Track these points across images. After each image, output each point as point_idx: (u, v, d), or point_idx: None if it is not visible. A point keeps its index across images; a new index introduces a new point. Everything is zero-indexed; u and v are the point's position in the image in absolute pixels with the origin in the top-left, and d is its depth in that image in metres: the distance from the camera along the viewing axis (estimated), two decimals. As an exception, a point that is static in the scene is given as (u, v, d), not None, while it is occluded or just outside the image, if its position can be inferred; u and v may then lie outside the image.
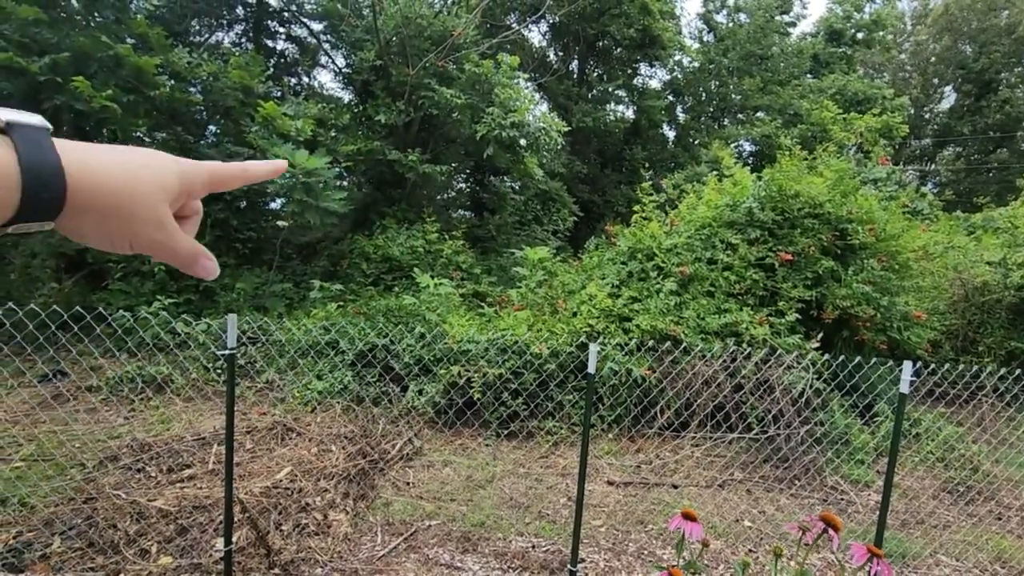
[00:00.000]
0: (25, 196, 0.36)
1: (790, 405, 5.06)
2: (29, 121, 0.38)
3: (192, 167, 0.47)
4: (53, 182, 0.37)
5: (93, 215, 0.40)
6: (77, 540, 3.05)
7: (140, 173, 0.42)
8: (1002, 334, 7.83)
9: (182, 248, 0.47)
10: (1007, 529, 4.11)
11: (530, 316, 6.31)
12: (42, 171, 0.37)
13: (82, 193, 0.39)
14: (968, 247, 9.24)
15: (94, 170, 0.40)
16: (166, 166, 0.45)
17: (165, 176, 0.44)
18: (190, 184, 0.47)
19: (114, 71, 7.36)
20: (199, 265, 0.49)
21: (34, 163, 0.36)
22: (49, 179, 0.37)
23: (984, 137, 27.77)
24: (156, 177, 0.43)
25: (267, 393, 5.66)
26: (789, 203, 6.48)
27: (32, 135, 0.38)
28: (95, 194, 0.39)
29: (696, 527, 1.46)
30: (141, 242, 0.43)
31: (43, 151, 0.37)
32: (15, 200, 0.36)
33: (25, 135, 0.37)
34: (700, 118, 20.85)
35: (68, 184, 0.38)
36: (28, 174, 0.36)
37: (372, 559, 3.21)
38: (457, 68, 10.59)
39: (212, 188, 0.50)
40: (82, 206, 0.39)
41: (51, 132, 0.39)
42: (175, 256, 0.47)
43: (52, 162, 0.37)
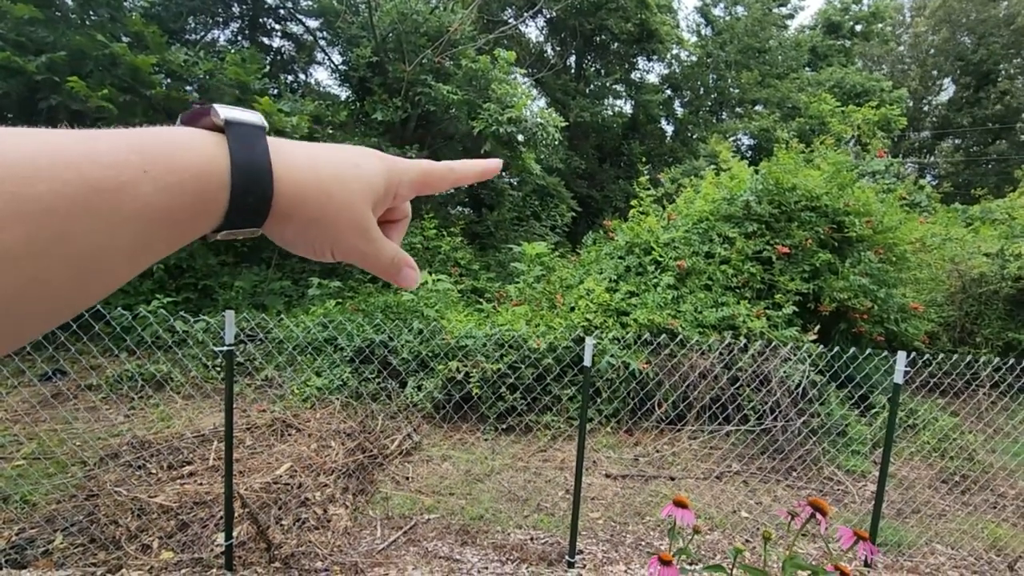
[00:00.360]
0: (233, 198, 0.34)
1: (787, 397, 5.08)
2: (246, 119, 0.36)
3: (402, 167, 0.45)
4: (260, 185, 0.35)
5: (296, 221, 0.38)
6: (79, 536, 3.08)
7: (347, 175, 0.40)
8: (999, 325, 7.86)
9: (385, 256, 0.44)
10: (1002, 517, 4.15)
11: (528, 311, 6.33)
12: (252, 172, 0.34)
13: (286, 197, 0.36)
14: (966, 239, 9.25)
15: (300, 172, 0.37)
16: (374, 167, 0.42)
17: (372, 178, 0.41)
18: (397, 185, 0.44)
19: (110, 70, 7.36)
20: (402, 274, 0.46)
21: (245, 164, 0.34)
22: (255, 181, 0.35)
23: (983, 129, 27.73)
24: (362, 180, 0.41)
25: (266, 390, 5.69)
26: (786, 196, 6.50)
27: (247, 134, 0.35)
28: (300, 198, 0.37)
29: (687, 514, 1.48)
30: (343, 249, 0.41)
31: (254, 151, 0.35)
32: (223, 203, 0.34)
33: (239, 134, 0.35)
34: (698, 112, 20.81)
35: (275, 188, 0.36)
36: (237, 175, 0.34)
37: (372, 552, 3.24)
38: (454, 64, 10.57)
39: (421, 190, 0.47)
40: (287, 211, 0.37)
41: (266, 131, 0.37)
42: (378, 264, 0.44)
43: (263, 163, 0.35)
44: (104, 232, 0.28)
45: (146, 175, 0.30)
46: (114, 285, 0.31)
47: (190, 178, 0.32)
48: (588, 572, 3.09)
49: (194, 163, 0.32)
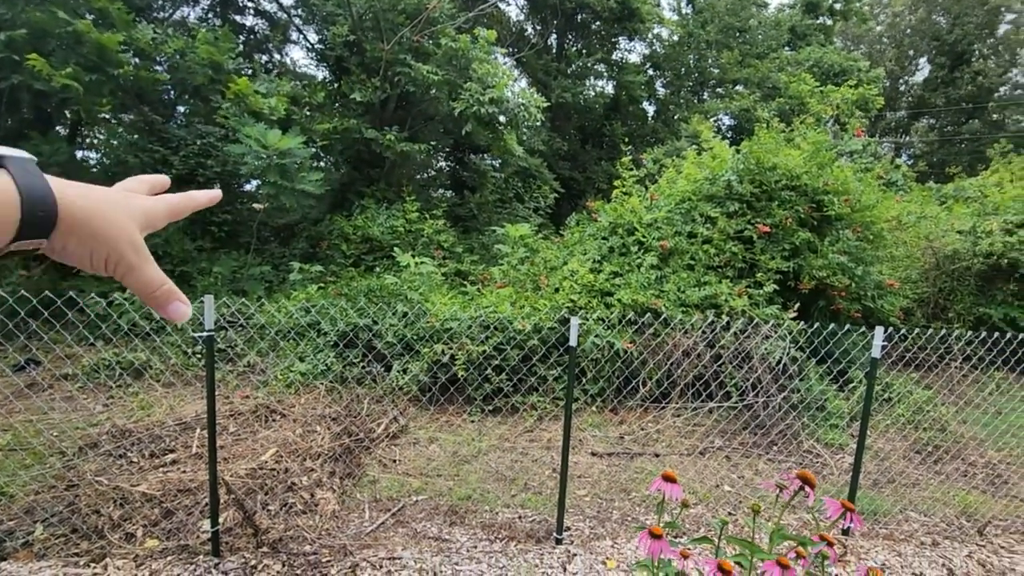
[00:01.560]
0: (24, 215, 0.41)
1: (768, 374, 5.18)
2: (17, 154, 0.43)
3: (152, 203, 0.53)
4: (47, 203, 0.42)
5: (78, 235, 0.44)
6: (60, 527, 3.03)
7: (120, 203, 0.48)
8: (971, 300, 8.09)
9: (152, 277, 0.50)
10: (972, 485, 4.30)
11: (512, 293, 6.33)
12: (35, 193, 0.41)
13: (69, 214, 0.43)
14: (940, 217, 9.46)
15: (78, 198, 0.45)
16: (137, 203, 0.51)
17: (133, 210, 0.50)
18: (154, 216, 0.53)
19: (74, 48, 7.06)
20: (172, 306, 0.51)
21: (29, 186, 0.41)
22: (43, 200, 0.42)
23: (957, 108, 28.22)
24: (132, 208, 0.49)
25: (249, 376, 5.61)
26: (767, 176, 6.55)
27: (23, 164, 0.43)
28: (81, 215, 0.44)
29: (675, 488, 1.49)
30: (115, 260, 0.47)
31: (35, 177, 0.42)
32: (17, 219, 0.40)
33: (17, 164, 0.42)
34: (679, 92, 20.78)
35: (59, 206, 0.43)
36: (25, 196, 0.41)
37: (360, 535, 3.24)
38: (433, 43, 10.36)
39: (172, 218, 0.56)
40: (70, 225, 0.44)
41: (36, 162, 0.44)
42: (144, 281, 0.50)
43: (44, 186, 0.42)
44: None
45: None
46: None
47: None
48: (576, 548, 3.14)
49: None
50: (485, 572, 2.85)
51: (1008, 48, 28.60)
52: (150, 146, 8.20)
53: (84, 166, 9.13)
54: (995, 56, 28.67)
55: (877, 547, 3.28)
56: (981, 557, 3.21)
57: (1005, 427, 5.26)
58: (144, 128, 8.57)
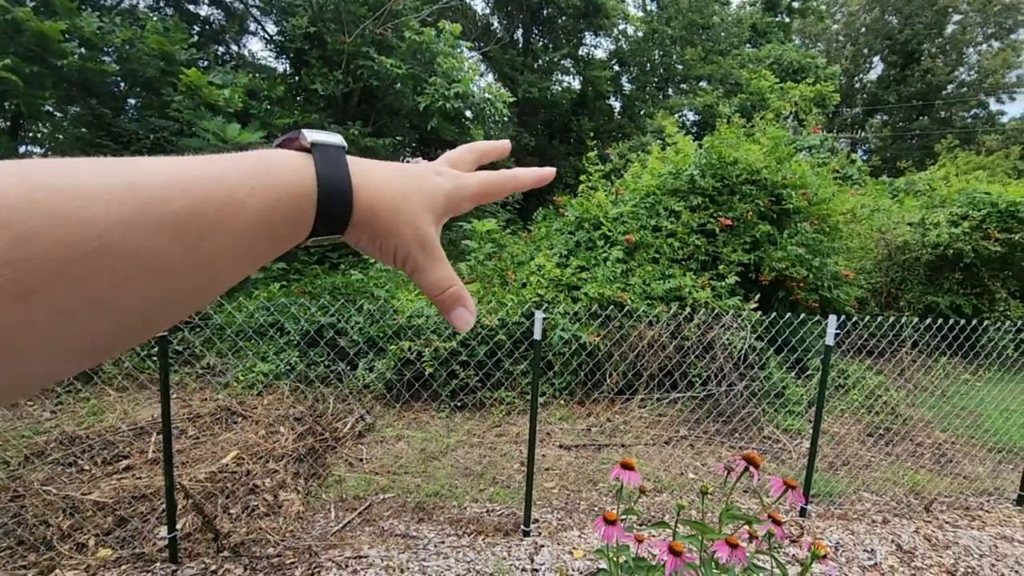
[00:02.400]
0: (320, 210, 0.39)
1: (729, 363, 5.31)
2: (330, 141, 0.41)
3: (463, 183, 0.49)
4: (342, 198, 0.40)
5: (370, 231, 0.42)
6: (5, 539, 2.89)
7: (413, 193, 0.44)
8: (920, 289, 8.46)
9: (439, 276, 0.46)
10: (920, 464, 4.52)
11: (480, 288, 6.31)
12: (334, 187, 0.39)
13: (362, 210, 0.41)
14: (892, 209, 9.85)
15: (376, 188, 0.42)
16: (438, 186, 0.46)
17: (434, 195, 0.46)
18: (459, 200, 0.49)
19: (12, 37, 6.68)
20: (455, 311, 0.47)
21: (329, 180, 0.39)
22: (339, 195, 0.39)
23: (908, 105, 29.40)
24: (425, 198, 0.45)
25: (208, 378, 5.45)
26: (728, 170, 6.69)
27: (330, 155, 0.40)
28: (373, 212, 0.42)
29: (633, 475, 1.52)
30: (402, 256, 0.45)
31: (339, 168, 0.40)
32: (311, 213, 0.39)
33: (324, 155, 0.40)
34: (645, 88, 21.05)
35: (354, 202, 0.40)
36: (323, 190, 0.39)
37: (326, 535, 3.19)
38: (396, 36, 10.21)
39: (482, 201, 0.52)
40: (363, 222, 0.41)
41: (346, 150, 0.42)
42: (430, 280, 0.46)
43: (344, 179, 0.40)
44: (222, 241, 0.33)
45: (253, 192, 0.35)
46: (224, 288, 0.37)
47: (286, 195, 0.37)
48: (543, 539, 3.16)
49: (290, 182, 0.37)
50: (452, 567, 2.85)
51: (955, 47, 29.93)
52: (99, 140, 7.85)
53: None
54: (943, 55, 29.97)
55: (832, 527, 3.40)
56: (927, 532, 3.37)
57: (949, 408, 5.53)
58: (92, 122, 8.19)
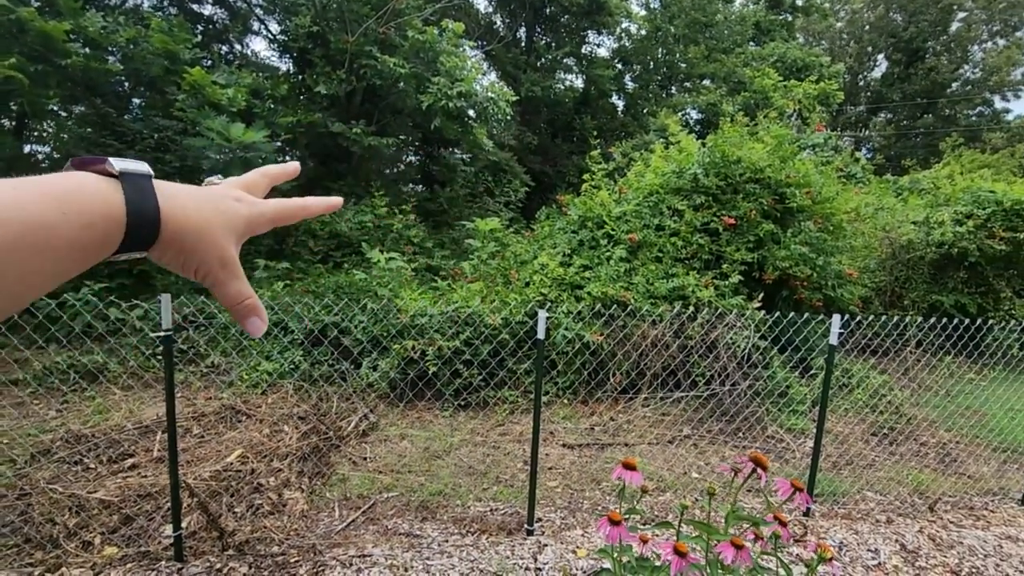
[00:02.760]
0: (128, 234, 0.43)
1: (733, 362, 5.31)
2: (138, 169, 0.45)
3: (260, 211, 0.54)
4: (150, 224, 0.44)
5: (174, 250, 0.47)
6: (12, 537, 2.90)
7: (214, 218, 0.49)
8: (924, 288, 8.43)
9: (236, 291, 0.51)
10: (924, 464, 4.50)
11: (483, 288, 6.32)
12: (143, 215, 0.43)
13: (169, 232, 0.45)
14: (896, 208, 9.81)
15: (182, 212, 0.46)
16: (237, 212, 0.52)
17: (235, 221, 0.51)
18: (255, 225, 0.54)
19: (17, 37, 6.71)
20: (249, 320, 0.53)
21: (137, 208, 0.43)
22: (148, 222, 0.43)
23: (912, 103, 29.27)
24: (226, 222, 0.50)
25: (213, 377, 5.47)
26: (732, 169, 6.67)
27: (139, 182, 0.44)
28: (179, 234, 0.46)
29: (635, 475, 1.52)
30: (204, 272, 0.49)
31: (147, 197, 0.44)
32: (120, 237, 0.42)
33: (133, 182, 0.44)
34: (648, 87, 20.98)
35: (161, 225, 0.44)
36: (132, 217, 0.43)
37: (330, 533, 3.20)
38: (400, 35, 10.21)
39: (275, 225, 0.57)
40: (168, 242, 0.46)
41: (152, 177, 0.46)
42: (228, 295, 0.51)
43: (153, 207, 0.44)
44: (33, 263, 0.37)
45: (64, 217, 0.39)
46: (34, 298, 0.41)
47: (99, 219, 0.41)
48: (547, 538, 3.17)
49: (100, 207, 0.41)
50: (456, 566, 2.85)
51: (960, 45, 29.78)
52: (103, 140, 7.87)
53: (32, 161, 8.73)
54: (948, 53, 29.82)
55: (836, 526, 3.40)
56: (931, 532, 3.36)
57: (954, 408, 5.51)
58: (97, 121, 8.22)
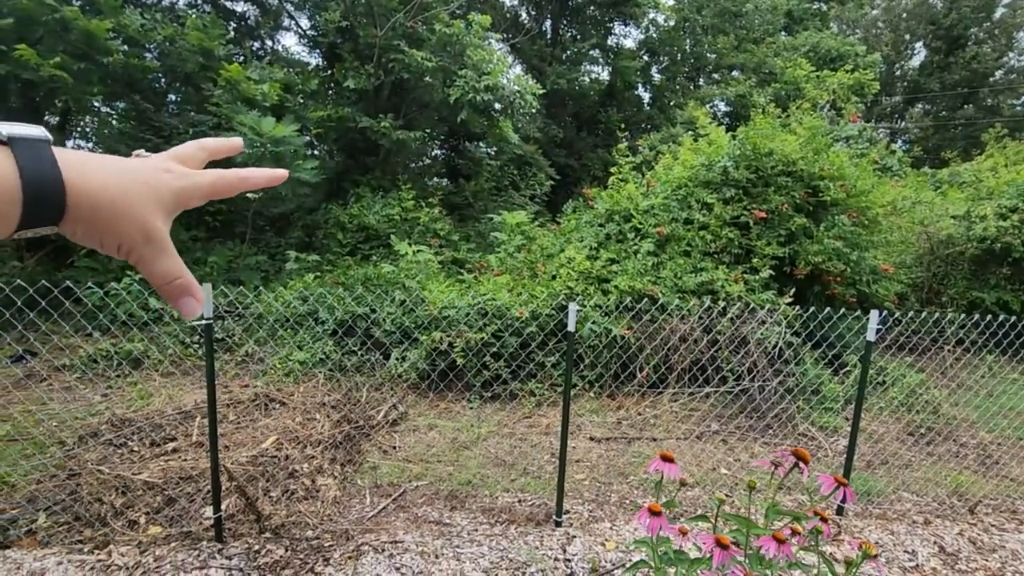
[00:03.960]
0: (25, 209, 0.37)
1: (764, 358, 5.22)
2: (31, 134, 0.39)
3: (193, 183, 0.49)
4: (53, 196, 0.38)
5: (86, 223, 0.41)
6: (63, 515, 3.05)
7: (134, 189, 0.43)
8: (964, 285, 8.15)
9: (165, 267, 0.47)
10: (964, 465, 4.38)
11: (510, 281, 6.34)
12: (42, 185, 0.38)
13: (77, 204, 0.40)
14: (934, 202, 9.49)
15: (91, 182, 0.41)
16: (165, 183, 0.46)
17: (160, 192, 0.45)
18: (188, 197, 0.49)
19: (61, 36, 6.95)
20: (182, 300, 0.48)
21: (35, 177, 0.37)
22: (49, 193, 0.38)
23: (952, 93, 28.18)
24: (151, 194, 0.45)
25: (247, 365, 5.62)
26: (763, 161, 6.54)
27: (34, 148, 0.38)
28: (90, 205, 0.40)
29: (673, 468, 1.52)
30: (127, 248, 0.44)
31: (44, 164, 0.38)
32: (17, 213, 0.37)
33: (26, 148, 0.38)
34: (675, 78, 20.65)
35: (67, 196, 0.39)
36: (28, 188, 0.37)
37: (362, 520, 3.28)
38: (427, 29, 10.25)
39: (212, 197, 0.52)
40: (77, 215, 0.40)
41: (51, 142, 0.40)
42: (156, 272, 0.46)
43: (52, 176, 0.38)
44: None
45: None
46: None
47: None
48: (575, 530, 3.19)
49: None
50: (486, 554, 2.89)
51: (1004, 32, 28.52)
52: (142, 135, 8.12)
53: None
54: (991, 40, 28.59)
55: (871, 526, 3.34)
56: (972, 535, 3.27)
57: (996, 409, 5.33)
58: (135, 117, 8.47)
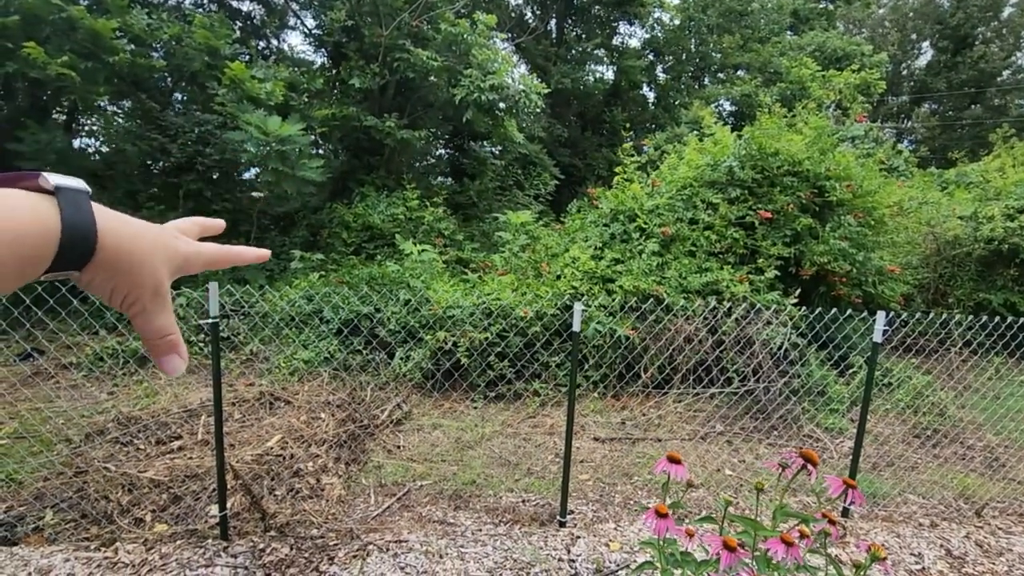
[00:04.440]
0: (61, 251, 0.41)
1: (769, 359, 5.21)
2: (74, 185, 0.43)
3: (198, 251, 0.54)
4: (86, 242, 0.42)
5: (106, 272, 0.45)
6: (69, 512, 3.06)
7: (153, 245, 0.48)
8: (971, 286, 8.10)
9: (160, 324, 0.50)
10: (970, 468, 4.35)
11: (514, 280, 6.33)
12: (78, 232, 0.41)
13: (104, 252, 0.43)
14: (941, 202, 9.43)
15: (119, 235, 0.45)
16: (177, 248, 0.51)
17: (173, 254, 0.50)
18: (193, 263, 0.54)
19: (68, 35, 6.98)
20: (167, 357, 0.51)
21: (73, 225, 0.41)
22: (83, 239, 0.42)
23: (959, 93, 28.00)
24: (167, 253, 0.49)
25: (253, 364, 5.64)
26: (769, 161, 6.52)
27: (75, 198, 0.42)
28: (113, 255, 0.44)
29: (681, 469, 1.51)
30: (131, 301, 0.47)
31: (83, 214, 0.42)
32: (52, 254, 0.40)
33: (69, 198, 0.42)
34: (680, 78, 20.60)
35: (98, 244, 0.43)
36: (66, 233, 0.41)
37: (366, 519, 3.28)
38: (432, 28, 10.25)
39: (209, 267, 0.57)
40: (101, 263, 0.44)
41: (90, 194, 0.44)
42: (152, 326, 0.49)
43: (89, 224, 0.42)
44: None
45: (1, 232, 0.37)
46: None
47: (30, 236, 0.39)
48: (579, 531, 3.18)
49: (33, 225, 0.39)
50: (490, 554, 2.89)
51: (1012, 32, 28.31)
52: (148, 134, 8.15)
53: (83, 155, 9.08)
54: (999, 40, 28.39)
55: (876, 528, 3.32)
56: (979, 538, 3.25)
57: (1003, 411, 5.30)
58: (141, 116, 8.51)
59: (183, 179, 8.44)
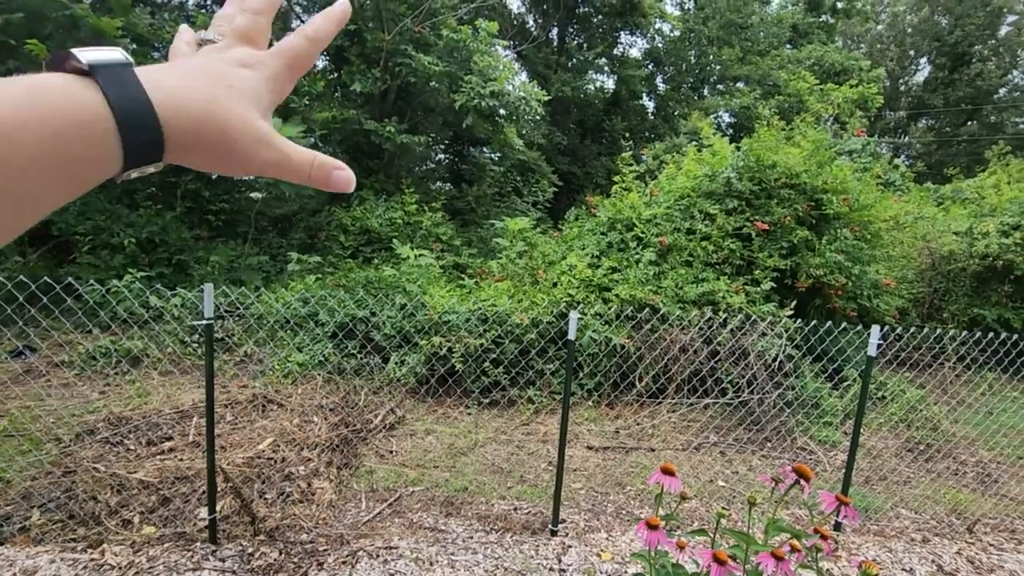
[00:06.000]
0: (125, 142, 0.34)
1: (763, 371, 5.21)
2: (112, 59, 0.35)
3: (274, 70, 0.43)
4: (146, 123, 0.34)
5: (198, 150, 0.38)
6: (57, 512, 3.03)
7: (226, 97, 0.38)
8: (966, 301, 8.14)
9: (301, 159, 0.43)
10: (962, 483, 4.35)
11: (511, 287, 6.33)
12: (133, 112, 0.34)
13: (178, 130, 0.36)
14: (937, 217, 9.50)
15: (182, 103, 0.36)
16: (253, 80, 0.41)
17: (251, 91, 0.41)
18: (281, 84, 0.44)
19: (71, 33, 6.98)
20: (332, 177, 0.44)
21: (123, 105, 0.33)
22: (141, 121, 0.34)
23: (956, 110, 28.25)
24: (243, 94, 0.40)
25: (246, 366, 5.62)
26: (766, 173, 6.55)
27: (118, 75, 0.34)
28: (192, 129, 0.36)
29: (675, 481, 1.51)
30: (255, 167, 0.40)
31: (130, 89, 0.34)
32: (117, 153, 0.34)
33: (109, 76, 0.34)
34: (680, 88, 20.72)
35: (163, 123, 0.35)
36: (121, 118, 0.33)
37: (357, 524, 3.26)
38: (434, 34, 10.30)
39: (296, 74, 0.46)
40: (183, 142, 0.36)
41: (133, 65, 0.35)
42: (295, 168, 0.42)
43: (142, 101, 0.34)
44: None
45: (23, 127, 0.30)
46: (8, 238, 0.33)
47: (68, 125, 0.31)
48: (571, 540, 3.17)
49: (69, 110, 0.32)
50: (481, 562, 2.87)
51: (1009, 50, 28.62)
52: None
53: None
54: (996, 58, 28.69)
55: (868, 543, 3.32)
56: (970, 554, 3.25)
57: (996, 427, 5.31)
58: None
59: (181, 179, 8.43)
